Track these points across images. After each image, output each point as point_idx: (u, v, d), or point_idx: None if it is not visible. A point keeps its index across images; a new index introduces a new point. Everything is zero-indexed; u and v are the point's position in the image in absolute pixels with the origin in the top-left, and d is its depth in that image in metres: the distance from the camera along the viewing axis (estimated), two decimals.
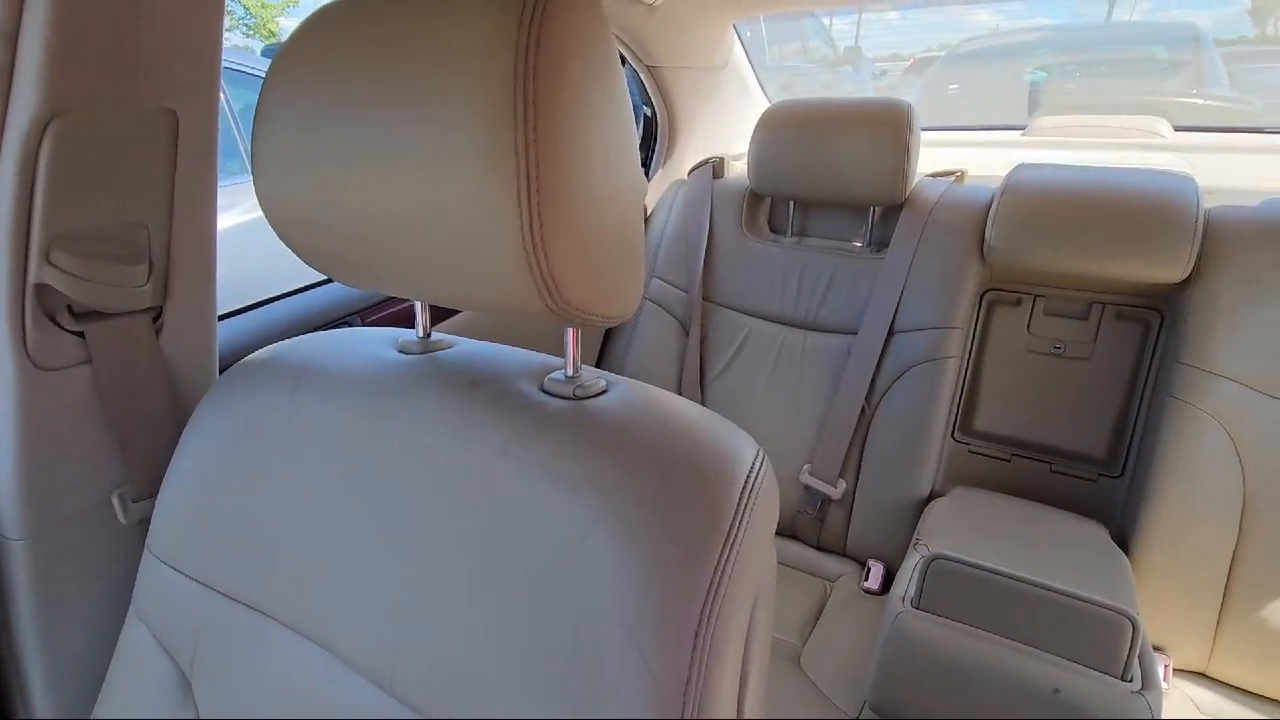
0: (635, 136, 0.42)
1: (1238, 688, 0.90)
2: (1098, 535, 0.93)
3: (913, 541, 0.93)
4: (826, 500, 1.15)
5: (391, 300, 0.98)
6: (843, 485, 1.12)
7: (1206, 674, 0.92)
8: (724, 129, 1.43)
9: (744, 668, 0.40)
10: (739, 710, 0.38)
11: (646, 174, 1.38)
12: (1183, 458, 0.90)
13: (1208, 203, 0.96)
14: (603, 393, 0.47)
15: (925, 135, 1.62)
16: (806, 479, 1.15)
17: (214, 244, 0.60)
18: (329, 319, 0.88)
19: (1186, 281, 0.93)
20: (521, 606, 0.38)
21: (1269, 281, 0.87)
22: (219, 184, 0.59)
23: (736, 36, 1.31)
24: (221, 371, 0.57)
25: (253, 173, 0.43)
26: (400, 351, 0.50)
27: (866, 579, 1.08)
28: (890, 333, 1.11)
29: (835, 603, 1.07)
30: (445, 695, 0.39)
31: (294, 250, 0.45)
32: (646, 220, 1.36)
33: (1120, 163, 1.27)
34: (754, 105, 1.51)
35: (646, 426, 0.42)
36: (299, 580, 0.46)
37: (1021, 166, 1.08)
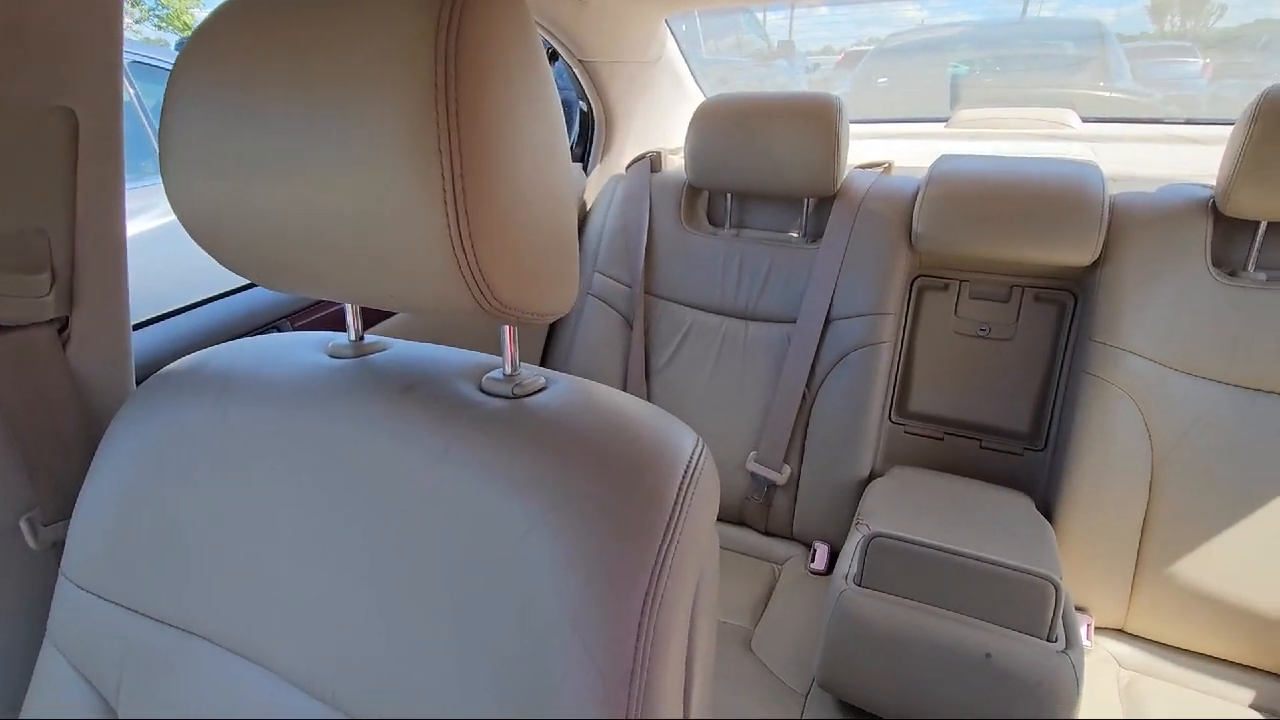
0: (564, 132, 0.42)
1: (1154, 641, 0.97)
2: (1024, 505, 0.99)
3: (854, 522, 0.96)
4: (772, 486, 1.17)
5: (324, 303, 0.94)
6: (787, 470, 1.15)
7: (1125, 630, 0.98)
8: (660, 123, 1.43)
9: (689, 651, 0.40)
10: (685, 695, 0.39)
11: (585, 169, 1.37)
12: (1097, 429, 0.96)
13: (1112, 189, 1.02)
14: (541, 390, 0.47)
15: (856, 128, 1.67)
16: (752, 466, 1.17)
17: (123, 249, 0.57)
18: (256, 324, 0.84)
19: (1096, 264, 0.99)
20: (466, 609, 0.38)
21: (1167, 262, 0.94)
22: (131, 185, 0.56)
23: (669, 31, 1.32)
24: (139, 383, 0.54)
25: (161, 172, 0.41)
26: (331, 356, 0.49)
27: (813, 560, 1.12)
28: (827, 320, 1.14)
29: (784, 585, 1.10)
30: (392, 703, 0.38)
31: (210, 253, 0.43)
32: (586, 216, 1.36)
33: (1033, 152, 1.34)
34: (689, 99, 1.52)
35: (586, 422, 0.43)
36: (232, 597, 0.44)
37: (944, 158, 1.13)
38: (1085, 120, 1.49)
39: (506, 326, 0.47)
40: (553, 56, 1.17)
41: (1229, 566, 0.90)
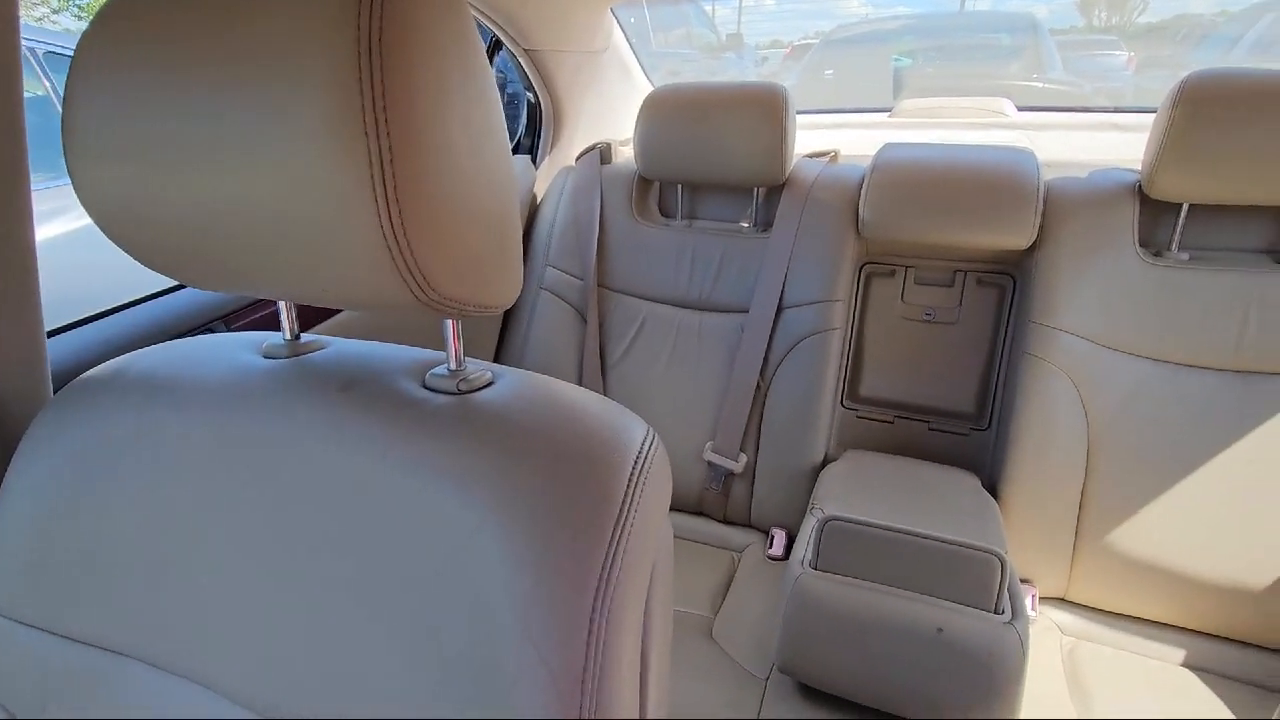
0: (501, 114, 0.41)
1: (1095, 608, 1.02)
2: (970, 483, 1.02)
3: (809, 507, 0.98)
4: (729, 475, 1.18)
5: (264, 302, 0.91)
6: (744, 459, 1.16)
7: (1067, 599, 1.03)
8: (610, 114, 1.42)
9: (644, 643, 0.40)
10: (641, 688, 0.39)
11: (534, 162, 1.35)
12: (1036, 408, 0.99)
13: (1046, 175, 1.05)
14: (489, 385, 0.46)
15: (804, 118, 1.69)
16: (709, 456, 1.18)
17: (33, 251, 0.53)
18: (188, 327, 0.80)
19: (1033, 247, 1.03)
20: (415, 613, 0.36)
21: (1098, 244, 0.98)
22: (48, 185, 0.53)
23: (616, 21, 1.31)
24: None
25: (65, 159, 0.38)
26: (265, 356, 0.47)
27: (770, 546, 1.13)
28: (779, 309, 1.15)
29: (743, 572, 1.11)
30: (340, 714, 0.37)
31: (126, 250, 0.40)
32: (537, 209, 1.34)
33: (972, 140, 1.38)
34: (638, 90, 1.52)
35: (534, 416, 0.42)
36: (165, 614, 0.42)
37: (888, 146, 1.15)
38: (1020, 109, 1.54)
39: (449, 320, 0.46)
40: (498, 45, 1.15)
41: (1161, 534, 0.94)
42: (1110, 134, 1.40)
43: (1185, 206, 0.96)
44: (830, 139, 1.45)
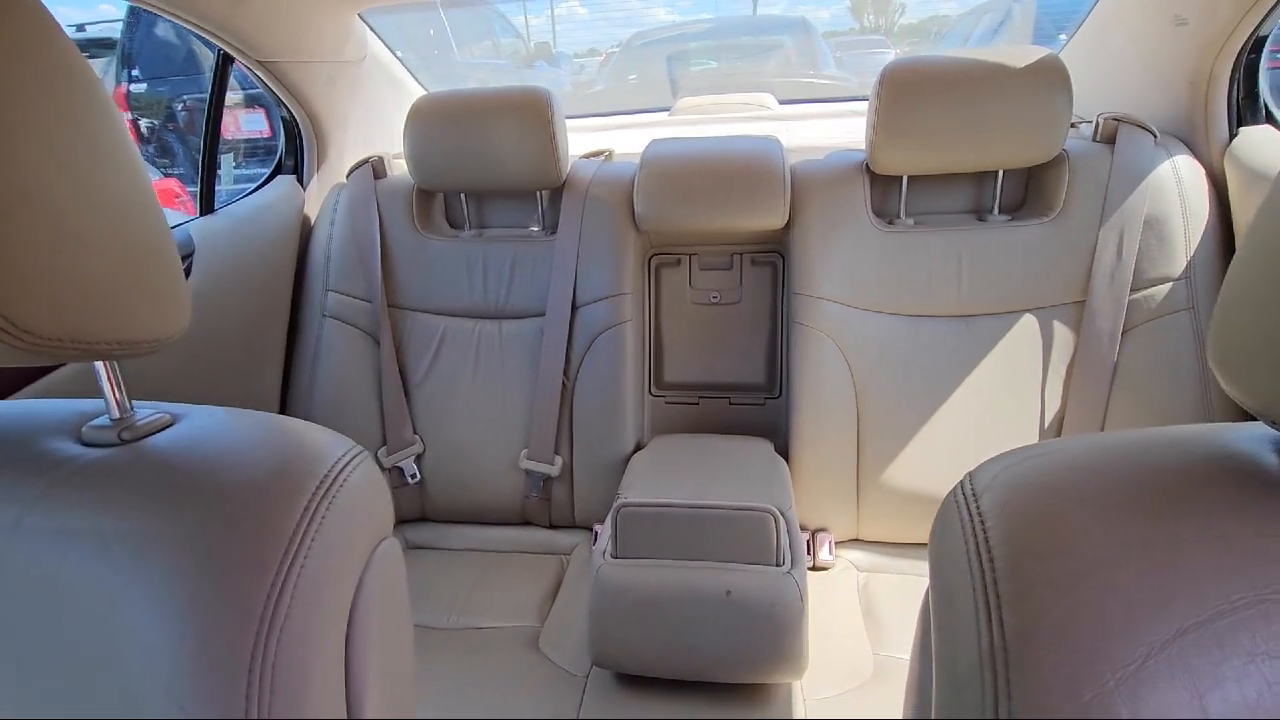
0: (124, 135, 0.38)
1: (883, 542, 1.13)
2: (764, 449, 1.09)
3: (615, 497, 1.00)
4: (548, 479, 1.18)
5: None
6: (559, 461, 1.16)
7: (860, 539, 1.13)
8: (382, 126, 1.36)
9: (356, 672, 0.38)
10: None
11: (300, 181, 1.26)
12: (810, 370, 1.08)
13: (792, 160, 1.15)
14: (166, 427, 0.41)
15: (591, 121, 1.73)
16: (525, 464, 1.17)
17: None
18: None
19: (788, 225, 1.12)
20: (68, 692, 0.32)
21: (839, 218, 1.08)
22: None
23: (369, 29, 1.25)
24: None
25: None
26: None
27: (595, 543, 1.14)
28: (574, 308, 1.16)
29: (571, 574, 1.11)
30: None
31: None
32: (310, 231, 1.25)
33: (740, 133, 1.47)
34: (413, 99, 1.46)
35: (202, 457, 0.38)
36: None
37: (654, 142, 1.20)
38: (781, 102, 1.68)
39: (101, 364, 0.41)
40: (229, 58, 1.05)
41: (922, 465, 1.06)
42: (856, 120, 1.56)
43: (905, 179, 1.09)
44: (616, 139, 1.49)
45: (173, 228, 1.04)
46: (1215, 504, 0.28)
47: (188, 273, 1.02)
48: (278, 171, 1.26)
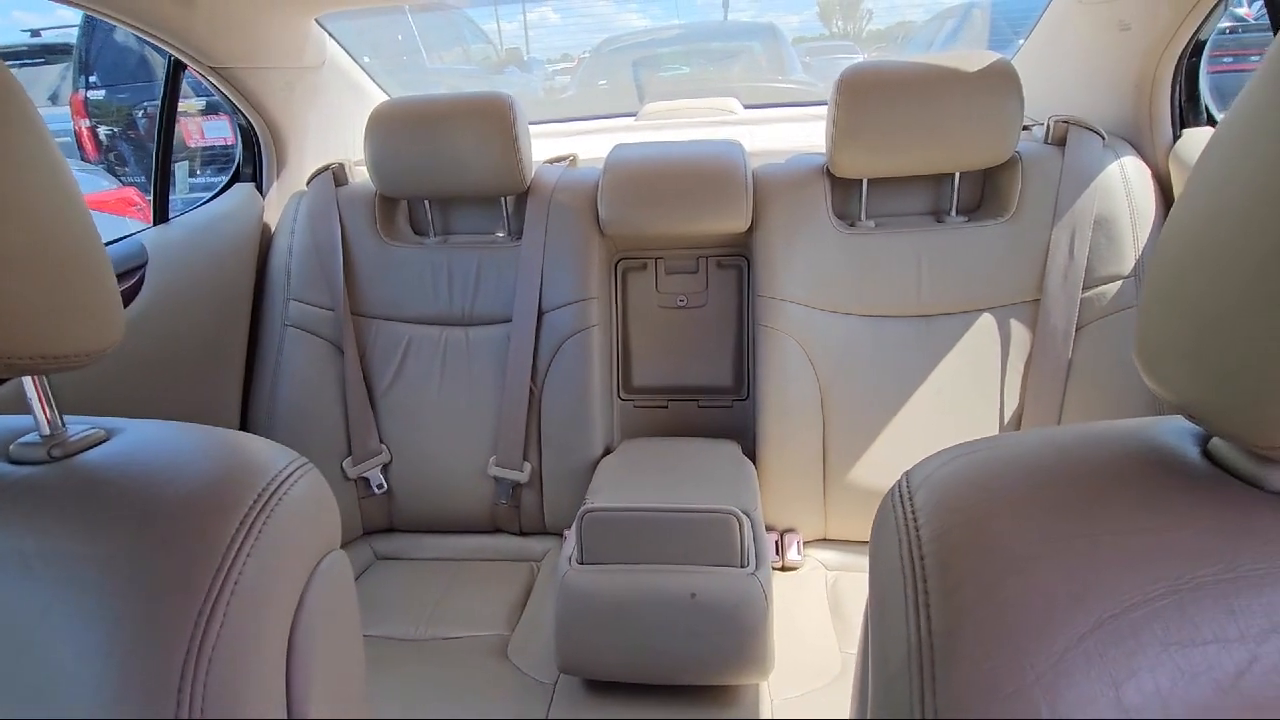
0: (49, 145, 0.37)
1: (851, 541, 1.14)
2: (731, 451, 1.10)
3: (584, 502, 0.99)
4: (517, 486, 1.17)
5: None
6: (528, 467, 1.16)
7: (828, 538, 1.14)
8: (344, 132, 1.35)
9: (301, 695, 0.37)
10: None
11: (260, 190, 1.24)
12: (776, 372, 1.09)
13: (754, 163, 1.16)
14: (101, 442, 0.40)
15: (558, 127, 1.72)
16: (494, 470, 1.16)
17: None
18: None
19: (752, 228, 1.13)
20: None
21: (801, 220, 1.09)
22: None
23: (328, 34, 1.24)
24: None
25: None
26: None
27: (562, 549, 1.13)
28: (540, 313, 1.16)
29: (541, 581, 1.10)
30: None
31: None
32: (270, 239, 1.23)
33: (705, 138, 1.48)
34: (375, 105, 1.45)
35: (135, 473, 0.37)
36: None
37: (618, 147, 1.20)
38: (747, 107, 1.69)
39: (29, 379, 0.40)
40: (181, 65, 1.03)
41: (887, 463, 1.08)
42: (819, 124, 1.58)
43: (865, 181, 1.10)
44: (582, 145, 1.49)
45: (123, 238, 1.02)
46: (1135, 498, 0.29)
47: (140, 284, 0.99)
48: (235, 179, 1.24)
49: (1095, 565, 0.27)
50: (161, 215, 1.09)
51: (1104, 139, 1.05)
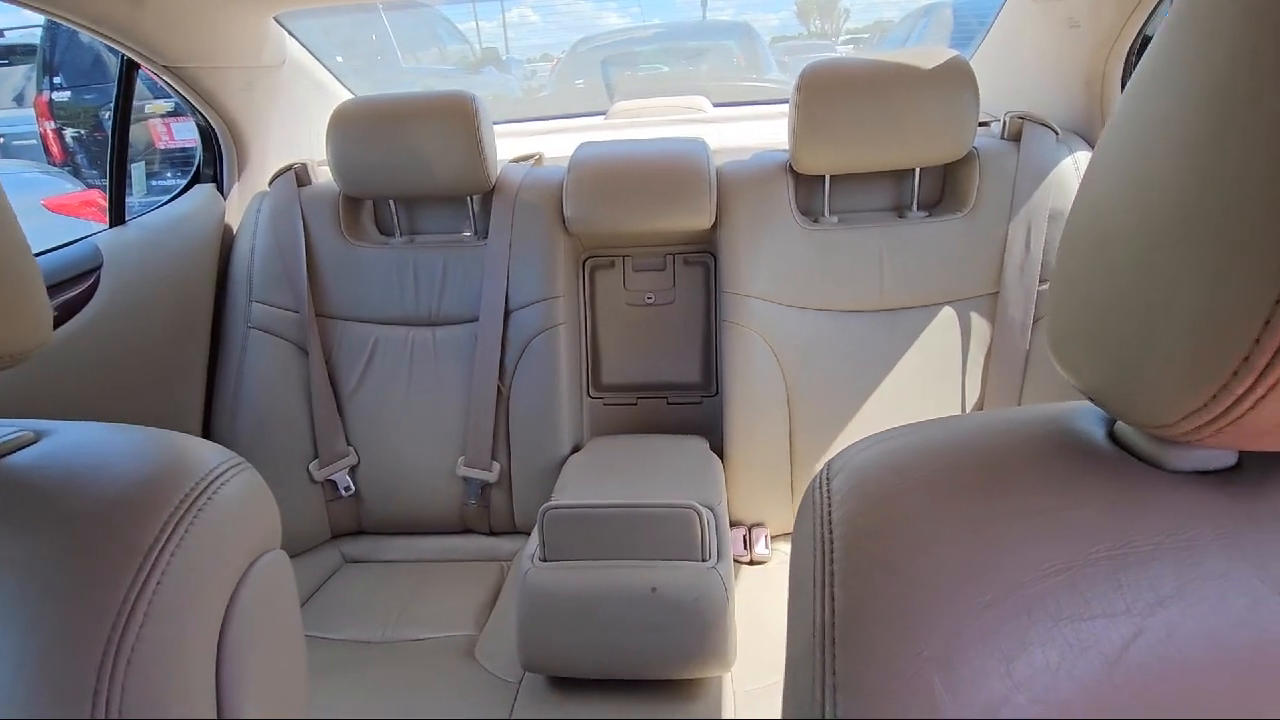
0: None
1: None
2: (698, 447, 1.10)
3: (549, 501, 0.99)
4: (486, 486, 1.17)
5: None
6: (497, 467, 1.15)
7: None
8: (306, 132, 1.33)
9: (232, 697, 0.37)
10: None
11: (220, 190, 1.22)
12: (742, 367, 1.10)
13: (718, 160, 1.17)
14: (28, 445, 0.40)
15: (529, 125, 1.72)
16: (463, 471, 1.16)
17: None
18: None
19: (716, 225, 1.13)
20: None
21: (764, 217, 1.10)
22: None
23: (288, 33, 1.23)
24: None
25: None
26: None
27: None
28: (506, 312, 1.16)
29: (510, 581, 1.10)
30: None
31: None
32: (232, 241, 1.21)
33: (674, 135, 1.49)
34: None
35: (61, 475, 0.37)
36: None
37: (582, 145, 1.20)
38: (716, 105, 1.70)
39: None
40: (134, 64, 1.02)
41: None
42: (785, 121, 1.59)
43: (828, 178, 1.11)
44: (550, 144, 1.49)
45: (74, 241, 1.00)
46: (1038, 480, 0.30)
47: (95, 287, 0.98)
48: (196, 180, 1.23)
49: (995, 544, 0.27)
50: (118, 217, 1.07)
51: (1058, 134, 1.07)
